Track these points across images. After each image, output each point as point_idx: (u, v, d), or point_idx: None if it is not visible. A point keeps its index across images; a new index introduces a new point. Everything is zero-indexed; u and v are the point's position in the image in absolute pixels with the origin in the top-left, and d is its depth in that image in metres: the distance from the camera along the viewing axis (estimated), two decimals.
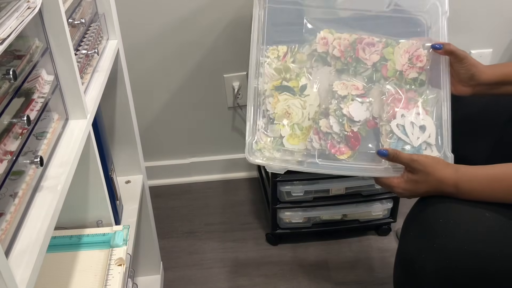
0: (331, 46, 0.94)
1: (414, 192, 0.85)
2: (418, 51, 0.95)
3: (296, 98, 0.92)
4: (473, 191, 0.79)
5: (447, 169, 0.81)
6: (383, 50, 0.95)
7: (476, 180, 0.79)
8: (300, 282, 1.42)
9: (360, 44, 0.94)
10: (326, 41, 0.94)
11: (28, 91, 0.63)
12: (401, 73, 0.94)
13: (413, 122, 0.91)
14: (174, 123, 1.73)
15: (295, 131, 0.89)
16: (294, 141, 0.88)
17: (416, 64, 0.95)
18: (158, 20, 1.53)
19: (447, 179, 0.80)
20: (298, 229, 1.52)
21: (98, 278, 0.81)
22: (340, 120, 0.90)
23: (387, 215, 1.54)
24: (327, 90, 0.92)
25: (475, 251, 0.74)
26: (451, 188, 0.80)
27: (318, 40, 0.95)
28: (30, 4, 0.62)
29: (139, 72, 1.59)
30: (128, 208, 1.13)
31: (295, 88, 0.93)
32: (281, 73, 0.93)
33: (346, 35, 0.95)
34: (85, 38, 0.88)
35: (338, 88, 0.92)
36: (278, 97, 0.92)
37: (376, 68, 0.94)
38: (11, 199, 0.56)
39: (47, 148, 0.67)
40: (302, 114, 0.91)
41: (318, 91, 0.92)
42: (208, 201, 1.76)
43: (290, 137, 0.88)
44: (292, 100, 0.92)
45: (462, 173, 0.80)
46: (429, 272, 0.79)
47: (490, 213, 0.77)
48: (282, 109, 0.91)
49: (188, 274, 1.47)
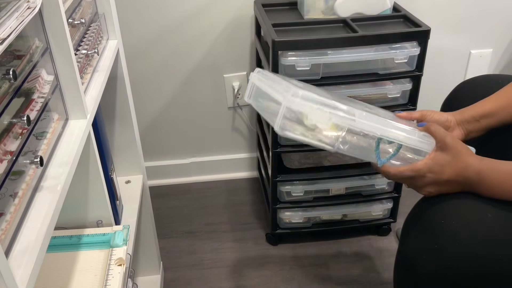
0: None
1: (438, 175, 0.83)
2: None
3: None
4: (493, 182, 0.79)
5: (473, 156, 0.83)
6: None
7: (498, 172, 0.79)
8: (300, 282, 1.42)
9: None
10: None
11: (28, 91, 0.63)
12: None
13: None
14: (174, 123, 1.73)
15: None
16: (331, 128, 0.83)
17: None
18: (158, 20, 1.53)
19: (472, 164, 0.81)
20: (298, 229, 1.52)
21: (98, 278, 0.81)
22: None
23: (387, 215, 1.54)
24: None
25: (476, 252, 0.74)
26: (474, 175, 0.80)
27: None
28: (30, 4, 0.62)
29: (139, 72, 1.59)
30: (128, 208, 1.13)
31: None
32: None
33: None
34: (85, 38, 0.88)
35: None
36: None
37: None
38: (11, 199, 0.56)
39: (47, 148, 0.67)
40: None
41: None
42: (208, 201, 1.76)
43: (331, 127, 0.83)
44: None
45: (487, 163, 0.81)
46: (430, 272, 0.79)
47: (491, 214, 0.77)
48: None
49: (188, 274, 1.47)
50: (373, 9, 1.35)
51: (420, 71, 1.30)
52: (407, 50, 1.26)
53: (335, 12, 1.33)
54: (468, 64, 1.71)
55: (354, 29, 1.25)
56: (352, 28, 1.27)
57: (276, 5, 1.47)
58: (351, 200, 1.48)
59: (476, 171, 0.80)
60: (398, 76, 1.31)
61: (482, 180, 0.79)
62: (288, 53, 1.22)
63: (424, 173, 0.84)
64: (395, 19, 1.35)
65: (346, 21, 1.31)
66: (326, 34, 1.27)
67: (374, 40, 1.23)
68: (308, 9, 1.35)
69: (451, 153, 0.83)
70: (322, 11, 1.35)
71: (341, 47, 1.23)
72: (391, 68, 1.31)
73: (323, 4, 1.33)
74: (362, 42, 1.23)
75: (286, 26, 1.31)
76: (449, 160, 0.82)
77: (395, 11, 1.39)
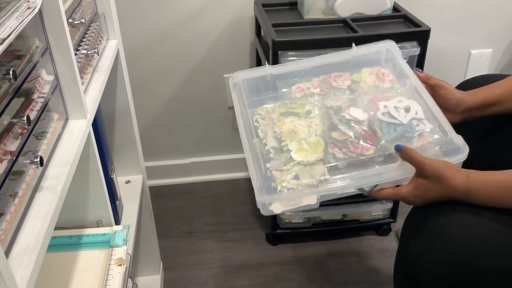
0: (306, 89, 1.00)
1: (425, 199, 0.83)
2: (382, 70, 1.01)
3: (302, 119, 0.94)
4: (483, 198, 0.78)
5: (458, 175, 0.80)
6: (351, 77, 1.01)
7: (487, 187, 0.78)
8: (300, 282, 1.42)
9: (329, 78, 1.01)
10: (300, 88, 1.00)
11: (28, 91, 0.63)
12: (376, 86, 0.99)
13: (396, 106, 0.92)
14: (174, 123, 1.73)
15: (302, 145, 0.89)
16: (302, 153, 0.87)
17: (385, 78, 1.00)
18: (158, 20, 1.53)
19: (458, 186, 0.79)
20: (298, 229, 1.52)
21: (98, 278, 0.81)
22: (349, 125, 0.92)
23: (387, 215, 1.54)
24: (323, 111, 0.95)
25: (476, 252, 0.74)
26: (462, 196, 0.79)
27: (294, 90, 1.00)
28: (30, 4, 0.62)
29: (139, 72, 1.59)
30: (128, 208, 1.13)
31: (301, 113, 0.96)
32: (285, 107, 0.97)
33: (315, 79, 1.02)
34: (85, 38, 0.88)
35: (331, 103, 0.96)
36: (285, 120, 0.94)
37: (352, 89, 0.99)
38: (11, 199, 0.56)
39: (47, 148, 0.67)
40: (309, 131, 0.92)
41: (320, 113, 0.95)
42: (208, 201, 1.76)
43: (298, 150, 0.88)
44: (298, 121, 0.94)
45: (473, 180, 0.79)
46: (430, 273, 0.79)
47: (491, 214, 0.77)
48: (289, 128, 0.92)
49: (188, 274, 1.47)
50: (373, 9, 1.35)
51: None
52: (407, 50, 1.26)
53: (335, 12, 1.33)
54: (468, 64, 1.71)
55: (354, 29, 1.25)
56: (352, 28, 1.27)
57: (276, 5, 1.47)
58: (351, 200, 1.48)
59: (464, 191, 0.79)
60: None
61: (472, 197, 0.78)
62: (288, 53, 1.22)
63: (410, 199, 0.85)
64: (395, 19, 1.35)
65: (346, 21, 1.31)
66: (326, 34, 1.27)
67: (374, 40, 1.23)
68: (308, 9, 1.35)
69: (432, 180, 0.81)
70: (322, 11, 1.34)
71: (341, 47, 1.23)
72: None
73: (323, 4, 1.33)
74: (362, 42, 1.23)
75: (286, 26, 1.31)
76: (433, 185, 0.81)
77: (395, 11, 1.39)
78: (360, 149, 0.87)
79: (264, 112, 0.98)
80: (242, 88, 1.00)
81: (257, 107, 0.99)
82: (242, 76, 1.01)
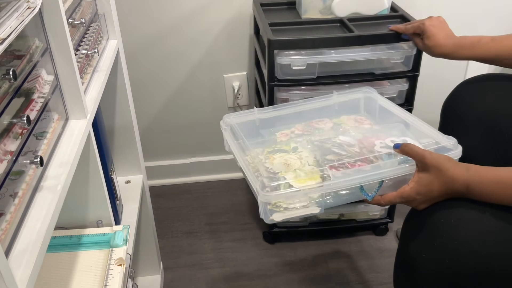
0: (291, 133, 1.04)
1: (427, 195, 0.83)
2: (359, 117, 1.08)
3: (291, 154, 0.96)
4: (483, 193, 0.78)
5: (458, 167, 0.80)
6: (332, 121, 1.07)
7: (487, 181, 0.78)
8: (300, 282, 1.42)
9: (312, 123, 1.07)
10: (285, 133, 1.05)
11: (28, 91, 0.63)
12: (357, 127, 1.04)
13: (393, 140, 0.94)
14: (174, 123, 1.73)
15: (299, 174, 0.89)
16: (300, 181, 0.87)
17: (364, 122, 1.06)
18: (158, 20, 1.53)
19: (458, 177, 0.79)
20: (295, 228, 1.52)
21: (98, 278, 0.81)
22: (343, 147, 0.94)
23: (384, 215, 1.54)
24: (312, 145, 0.98)
25: (476, 251, 0.74)
26: (462, 188, 0.79)
27: (278, 136, 1.04)
28: (30, 4, 0.62)
29: (139, 72, 1.59)
30: (128, 208, 1.13)
31: (288, 150, 0.97)
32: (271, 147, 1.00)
33: (297, 125, 1.07)
34: (85, 38, 0.88)
35: (318, 138, 1.00)
36: (274, 156, 0.95)
37: (335, 129, 1.04)
38: (11, 199, 0.56)
39: (47, 148, 0.67)
40: (301, 162, 0.92)
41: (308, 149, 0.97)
42: (208, 201, 1.76)
43: (295, 179, 0.87)
44: (287, 155, 0.95)
45: (473, 173, 0.79)
46: (430, 272, 0.79)
47: (491, 212, 0.77)
48: (280, 162, 0.93)
49: (188, 274, 1.47)
50: (371, 9, 1.35)
51: (416, 71, 1.29)
52: (403, 50, 1.26)
53: (332, 11, 1.33)
54: (468, 64, 1.71)
55: (350, 29, 1.25)
56: (348, 28, 1.26)
57: (274, 5, 1.47)
58: None
59: (464, 184, 0.79)
60: (394, 76, 1.31)
61: (472, 191, 0.79)
62: (284, 52, 1.22)
63: (413, 197, 0.84)
64: (393, 19, 1.35)
65: (342, 21, 1.31)
66: (323, 34, 1.27)
67: (370, 40, 1.23)
68: (305, 9, 1.35)
69: (433, 171, 0.81)
70: (319, 10, 1.34)
71: (337, 46, 1.23)
72: (388, 68, 1.31)
73: (320, 4, 1.33)
74: (358, 42, 1.23)
75: (283, 26, 1.31)
76: (434, 178, 0.82)
77: (392, 11, 1.39)
78: (357, 166, 0.88)
79: (250, 156, 0.97)
80: (234, 130, 1.05)
81: (245, 151, 0.99)
82: (232, 119, 1.06)
